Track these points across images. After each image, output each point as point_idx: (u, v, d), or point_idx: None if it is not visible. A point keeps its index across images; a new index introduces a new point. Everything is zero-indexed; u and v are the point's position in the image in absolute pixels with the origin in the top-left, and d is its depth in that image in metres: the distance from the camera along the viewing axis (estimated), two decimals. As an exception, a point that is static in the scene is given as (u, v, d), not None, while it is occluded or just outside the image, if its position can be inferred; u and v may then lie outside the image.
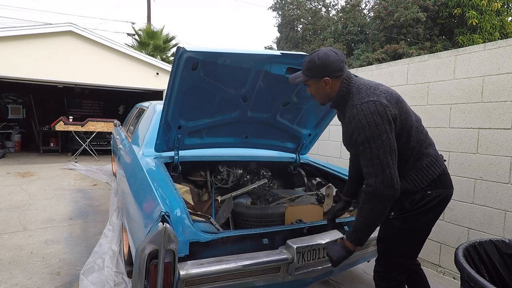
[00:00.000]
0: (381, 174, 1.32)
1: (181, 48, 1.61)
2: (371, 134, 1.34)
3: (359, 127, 1.37)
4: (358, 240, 1.42)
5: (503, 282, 1.47)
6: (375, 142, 1.34)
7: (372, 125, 1.34)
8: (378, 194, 1.32)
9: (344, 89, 1.50)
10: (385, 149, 1.34)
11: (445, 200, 1.53)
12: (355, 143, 1.42)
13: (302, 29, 19.08)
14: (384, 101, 1.38)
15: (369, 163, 1.35)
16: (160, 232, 1.27)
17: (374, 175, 1.33)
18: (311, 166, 2.95)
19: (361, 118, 1.36)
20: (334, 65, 1.48)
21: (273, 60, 1.87)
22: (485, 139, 2.51)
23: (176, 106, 1.99)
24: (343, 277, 2.64)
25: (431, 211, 1.49)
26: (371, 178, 1.35)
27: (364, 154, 1.37)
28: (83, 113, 11.17)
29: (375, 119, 1.34)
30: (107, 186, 5.39)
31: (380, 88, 1.45)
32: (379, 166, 1.33)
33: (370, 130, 1.34)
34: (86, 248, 2.92)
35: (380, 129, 1.34)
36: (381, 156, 1.33)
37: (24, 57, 6.97)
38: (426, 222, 1.52)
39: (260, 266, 1.55)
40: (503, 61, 2.41)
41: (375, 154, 1.34)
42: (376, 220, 1.38)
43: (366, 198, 1.36)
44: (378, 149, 1.33)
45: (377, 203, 1.34)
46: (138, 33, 14.92)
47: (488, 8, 12.29)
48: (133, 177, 2.22)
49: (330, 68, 1.48)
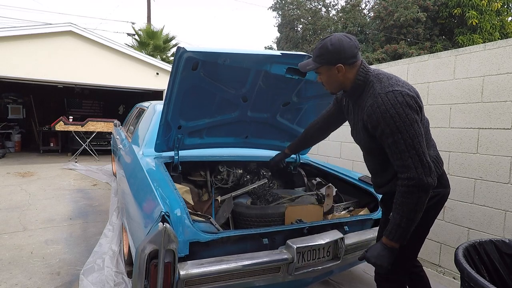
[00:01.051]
0: (421, 164, 1.28)
1: (181, 48, 1.61)
2: (403, 125, 1.28)
3: (387, 117, 1.30)
4: (403, 237, 1.35)
5: (503, 282, 1.47)
6: (408, 133, 1.28)
7: (402, 115, 1.28)
8: (423, 185, 1.27)
9: (361, 77, 1.44)
10: (419, 139, 1.29)
11: (443, 199, 1.54)
12: (380, 135, 1.35)
13: (302, 29, 19.08)
14: (410, 92, 1.34)
15: (404, 155, 1.29)
16: (160, 232, 1.27)
17: (414, 166, 1.28)
18: (311, 166, 2.95)
19: (388, 108, 1.30)
20: (348, 51, 1.40)
21: (273, 60, 1.87)
22: (485, 139, 2.51)
23: (176, 106, 1.99)
24: (343, 277, 2.64)
25: (430, 210, 1.48)
26: (410, 171, 1.29)
27: (395, 146, 1.31)
28: (83, 113, 11.17)
29: (404, 109, 1.29)
30: (107, 186, 5.39)
31: (401, 80, 1.41)
32: (416, 156, 1.28)
33: (401, 120, 1.28)
34: (86, 248, 2.92)
35: (411, 119, 1.29)
36: (417, 146, 1.28)
37: (24, 57, 6.97)
38: (425, 221, 1.50)
39: (260, 266, 1.55)
40: (503, 61, 2.41)
41: (410, 145, 1.28)
42: (420, 212, 1.32)
43: (409, 192, 1.29)
44: (412, 139, 1.28)
45: (422, 194, 1.29)
46: (138, 33, 14.92)
47: (488, 8, 12.29)
48: (133, 177, 2.22)
49: (343, 55, 1.40)
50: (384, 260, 1.37)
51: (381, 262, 1.37)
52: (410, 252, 1.55)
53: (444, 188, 1.53)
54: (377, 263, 1.38)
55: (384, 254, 1.37)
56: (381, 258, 1.37)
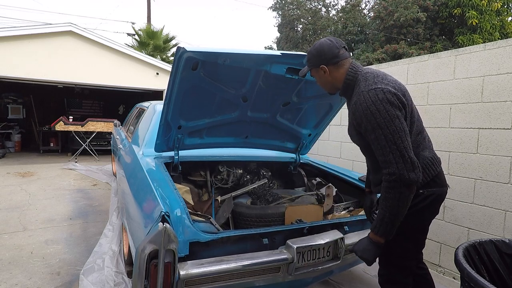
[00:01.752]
0: (401, 159, 1.28)
1: (181, 48, 1.61)
2: (383, 121, 1.30)
3: (368, 114, 1.33)
4: (387, 232, 1.36)
5: (503, 282, 1.47)
6: (389, 128, 1.30)
7: (383, 111, 1.31)
8: (404, 180, 1.28)
9: (350, 77, 1.49)
10: (400, 134, 1.30)
11: (439, 198, 1.51)
12: (365, 131, 1.38)
13: (302, 29, 19.07)
14: (392, 89, 1.35)
15: (385, 151, 1.31)
16: (160, 232, 1.27)
17: (395, 161, 1.29)
18: (311, 166, 2.95)
19: (369, 105, 1.33)
20: (328, 53, 1.50)
21: (273, 60, 1.87)
22: (485, 139, 2.51)
23: (176, 106, 1.99)
24: (343, 277, 2.64)
25: (426, 210, 1.47)
26: (391, 166, 1.30)
27: (377, 142, 1.33)
28: (83, 113, 11.17)
29: (384, 106, 1.31)
30: (107, 186, 5.39)
31: (389, 78, 1.44)
32: (397, 152, 1.29)
33: (381, 116, 1.30)
34: (86, 248, 2.92)
35: (392, 115, 1.30)
36: (397, 141, 1.29)
37: (24, 57, 6.97)
38: (422, 222, 1.49)
39: (260, 266, 1.55)
40: (503, 61, 2.41)
41: (390, 140, 1.29)
42: (404, 208, 1.32)
43: (390, 187, 1.31)
44: (393, 135, 1.29)
45: (404, 190, 1.29)
46: (138, 33, 14.92)
47: (488, 8, 12.29)
48: (133, 177, 2.22)
49: (324, 56, 1.51)
50: (369, 254, 1.40)
51: (367, 256, 1.40)
52: (408, 253, 1.53)
53: (440, 187, 1.51)
54: (363, 256, 1.42)
55: (370, 248, 1.40)
56: (366, 252, 1.40)
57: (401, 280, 1.53)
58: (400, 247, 1.50)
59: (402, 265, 1.53)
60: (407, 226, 1.45)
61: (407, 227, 1.45)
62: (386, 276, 1.56)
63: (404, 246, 1.50)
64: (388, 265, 1.56)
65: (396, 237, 1.47)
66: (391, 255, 1.53)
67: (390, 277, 1.55)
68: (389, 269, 1.55)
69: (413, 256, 1.55)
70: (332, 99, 2.38)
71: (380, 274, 1.59)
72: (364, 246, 1.42)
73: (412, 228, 1.47)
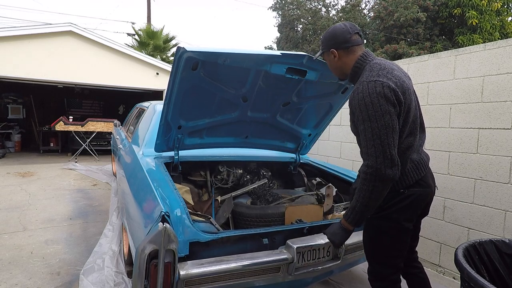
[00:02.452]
0: (382, 154, 1.30)
1: (181, 48, 1.61)
2: (374, 114, 1.31)
3: (361, 104, 1.35)
4: (356, 220, 1.40)
5: (503, 282, 1.47)
6: (378, 122, 1.31)
7: (376, 105, 1.31)
8: (380, 175, 1.30)
9: (358, 64, 1.51)
10: (387, 130, 1.31)
11: (420, 198, 1.51)
12: (356, 121, 1.40)
13: (302, 29, 19.07)
14: (392, 85, 1.35)
15: (369, 143, 1.33)
16: (160, 232, 1.27)
17: (375, 155, 1.31)
18: (311, 166, 2.95)
19: (365, 96, 1.34)
20: (340, 37, 1.51)
21: (273, 60, 1.87)
22: (485, 139, 2.51)
23: (176, 106, 1.99)
24: (343, 277, 2.64)
25: (408, 209, 1.48)
26: (371, 159, 1.32)
27: (364, 134, 1.35)
28: (83, 113, 11.18)
29: (379, 100, 1.32)
30: (107, 186, 5.39)
31: (394, 73, 1.42)
32: (379, 146, 1.30)
33: (373, 109, 1.32)
34: (86, 248, 2.92)
35: (384, 110, 1.31)
36: (383, 136, 1.31)
37: (24, 57, 6.97)
38: (404, 221, 1.49)
39: (260, 266, 1.55)
40: (503, 61, 2.41)
41: (376, 134, 1.31)
42: (375, 201, 1.36)
43: (366, 179, 1.33)
44: (379, 129, 1.31)
45: (378, 184, 1.32)
46: (138, 33, 14.92)
47: (488, 8, 12.28)
48: (133, 177, 2.22)
49: (335, 40, 1.53)
50: (336, 238, 1.48)
51: (335, 239, 1.48)
52: (394, 251, 1.53)
53: (422, 188, 1.51)
54: (331, 238, 1.50)
55: (338, 232, 1.47)
56: (335, 236, 1.48)
57: (389, 278, 1.55)
58: (385, 245, 1.52)
59: (388, 262, 1.55)
60: (390, 225, 1.48)
61: (390, 226, 1.48)
62: (374, 274, 1.58)
63: (389, 244, 1.52)
64: (375, 262, 1.58)
65: (381, 236, 1.52)
66: (377, 253, 1.56)
67: (378, 274, 1.56)
68: (376, 267, 1.57)
69: (399, 254, 1.55)
70: (332, 99, 2.38)
71: (369, 271, 1.61)
72: (335, 230, 1.49)
73: (395, 227, 1.49)
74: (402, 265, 1.59)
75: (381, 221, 1.50)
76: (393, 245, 1.52)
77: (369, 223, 1.55)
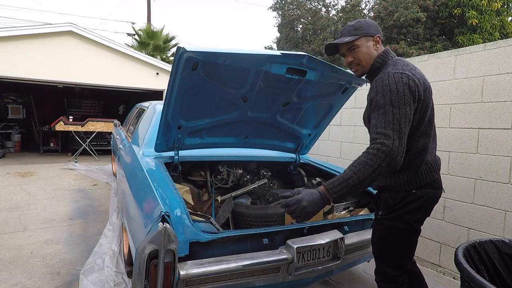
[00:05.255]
0: (399, 140, 1.28)
1: (181, 48, 1.60)
2: (397, 101, 1.32)
3: (386, 90, 1.34)
4: (342, 193, 1.33)
5: (503, 282, 1.47)
6: (400, 110, 1.31)
7: (401, 93, 1.33)
8: (391, 157, 1.26)
9: (381, 58, 1.52)
10: (406, 121, 1.32)
11: (431, 200, 1.52)
12: (374, 106, 1.38)
13: (302, 29, 19.06)
14: (416, 81, 1.38)
15: (388, 125, 1.30)
16: (160, 232, 1.27)
17: (393, 138, 1.28)
18: (311, 166, 2.95)
19: (391, 82, 1.35)
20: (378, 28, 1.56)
21: (273, 60, 1.87)
22: (485, 139, 2.51)
23: (176, 106, 1.99)
24: (343, 277, 2.64)
25: (418, 211, 1.49)
26: (388, 139, 1.28)
27: (384, 116, 1.32)
28: (83, 113, 11.17)
29: (404, 90, 1.33)
30: (107, 186, 5.39)
31: (417, 71, 1.47)
32: (398, 132, 1.29)
33: (398, 96, 1.32)
34: (86, 248, 2.92)
35: (406, 100, 1.33)
36: (402, 124, 1.30)
37: (24, 57, 6.97)
38: (415, 222, 1.50)
39: (260, 266, 1.55)
40: (503, 61, 2.41)
41: (397, 120, 1.30)
42: (371, 180, 1.30)
43: (376, 155, 1.27)
44: (400, 117, 1.31)
45: (385, 165, 1.27)
46: (138, 33, 14.93)
47: (488, 8, 12.27)
48: (133, 177, 2.22)
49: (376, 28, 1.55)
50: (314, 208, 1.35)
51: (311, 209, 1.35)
52: (402, 252, 1.55)
53: (433, 189, 1.51)
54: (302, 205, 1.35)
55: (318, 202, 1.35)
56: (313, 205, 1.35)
57: (396, 279, 1.55)
58: (395, 246, 1.53)
59: (397, 263, 1.55)
60: (400, 226, 1.48)
61: (401, 227, 1.49)
62: (382, 274, 1.58)
63: (398, 245, 1.53)
64: (384, 263, 1.58)
65: (391, 237, 1.52)
66: (386, 253, 1.56)
67: (386, 275, 1.56)
68: (384, 268, 1.57)
69: (407, 255, 1.57)
70: (332, 99, 2.38)
71: (376, 272, 1.62)
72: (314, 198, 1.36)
73: (405, 229, 1.49)
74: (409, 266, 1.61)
75: (392, 222, 1.49)
76: (402, 246, 1.53)
77: (379, 223, 1.55)
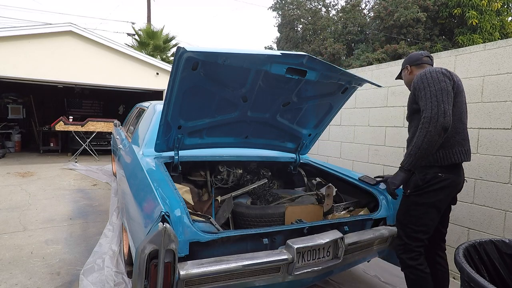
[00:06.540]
0: (437, 107, 1.60)
1: (181, 48, 1.60)
2: (432, 81, 1.66)
3: (423, 78, 1.70)
4: (410, 162, 1.70)
5: (503, 282, 1.47)
6: (435, 86, 1.64)
7: (434, 77, 1.67)
8: (434, 122, 1.58)
9: None
10: (443, 92, 1.63)
11: (454, 184, 1.79)
12: (418, 94, 1.73)
13: (302, 29, 19.06)
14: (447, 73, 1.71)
15: (427, 102, 1.63)
16: (160, 232, 1.27)
17: (430, 108, 1.61)
18: (311, 166, 2.95)
19: (426, 73, 1.72)
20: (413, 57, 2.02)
21: (273, 60, 1.87)
22: (485, 139, 2.51)
23: (176, 106, 1.99)
24: (343, 277, 2.64)
25: (442, 191, 1.76)
26: (427, 111, 1.62)
27: (424, 98, 1.66)
28: (83, 113, 11.17)
29: (437, 74, 1.68)
30: (107, 186, 5.39)
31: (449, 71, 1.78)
32: (435, 102, 1.61)
33: (432, 79, 1.67)
34: (86, 248, 2.92)
35: (441, 79, 1.66)
36: (438, 96, 1.62)
37: (24, 57, 6.97)
38: (438, 201, 1.77)
39: (260, 266, 1.55)
40: (503, 61, 2.41)
41: (433, 95, 1.63)
42: (429, 146, 1.61)
43: (421, 128, 1.63)
44: (436, 91, 1.63)
45: (432, 129, 1.59)
46: (138, 33, 14.92)
47: (488, 8, 12.28)
48: (133, 177, 2.22)
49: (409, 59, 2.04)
50: (397, 179, 1.79)
51: (394, 180, 1.80)
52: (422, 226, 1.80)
53: (456, 175, 1.79)
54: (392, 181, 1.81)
55: (398, 174, 1.79)
56: (395, 177, 1.81)
57: (415, 249, 1.82)
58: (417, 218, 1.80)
59: (416, 237, 1.82)
60: (424, 202, 1.77)
61: (425, 202, 1.77)
62: (403, 246, 1.86)
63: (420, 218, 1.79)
64: (405, 236, 1.85)
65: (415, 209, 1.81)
66: (408, 226, 1.84)
67: (406, 246, 1.84)
68: (405, 240, 1.85)
69: (427, 230, 1.82)
70: (332, 99, 2.39)
71: (398, 245, 1.90)
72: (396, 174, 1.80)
73: (428, 204, 1.76)
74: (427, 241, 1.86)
75: (417, 198, 1.79)
76: (423, 219, 1.79)
77: (408, 200, 1.84)
